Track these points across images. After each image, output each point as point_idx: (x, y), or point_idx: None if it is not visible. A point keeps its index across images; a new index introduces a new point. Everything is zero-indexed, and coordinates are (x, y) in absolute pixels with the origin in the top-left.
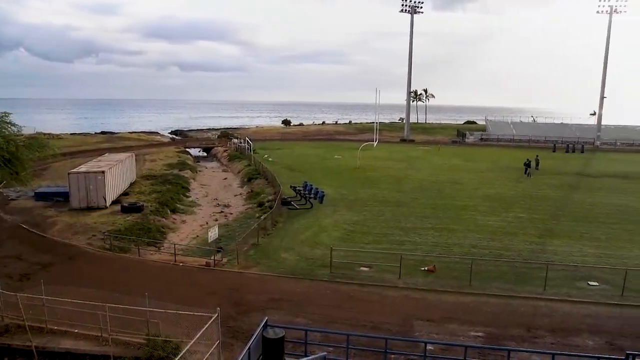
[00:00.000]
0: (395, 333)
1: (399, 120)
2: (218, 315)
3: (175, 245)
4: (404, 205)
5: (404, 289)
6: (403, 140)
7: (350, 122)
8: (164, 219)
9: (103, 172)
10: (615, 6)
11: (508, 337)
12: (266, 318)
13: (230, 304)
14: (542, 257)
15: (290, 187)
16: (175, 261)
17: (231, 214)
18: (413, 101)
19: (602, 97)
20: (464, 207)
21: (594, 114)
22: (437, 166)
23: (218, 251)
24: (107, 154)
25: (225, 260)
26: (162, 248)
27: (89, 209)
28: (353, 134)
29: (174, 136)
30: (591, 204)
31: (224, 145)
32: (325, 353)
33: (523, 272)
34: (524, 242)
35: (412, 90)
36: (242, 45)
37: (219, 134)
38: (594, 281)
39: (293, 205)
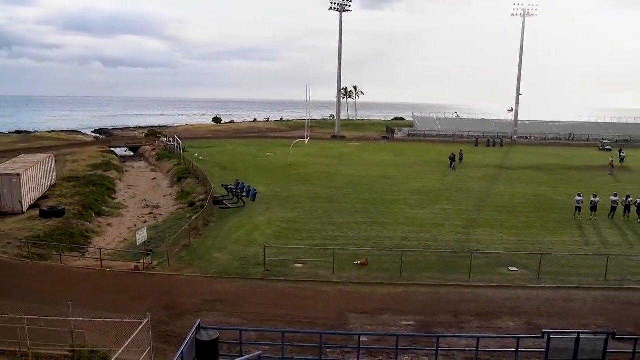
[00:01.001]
0: (330, 327)
1: (330, 117)
2: (148, 321)
3: (101, 250)
4: (336, 201)
5: (338, 284)
6: (334, 137)
7: (282, 119)
8: (88, 223)
9: (18, 174)
10: (528, 9)
11: (437, 324)
12: (199, 320)
13: (162, 308)
14: (467, 246)
15: (222, 185)
16: (102, 266)
17: (161, 215)
18: (343, 98)
19: (518, 95)
20: (394, 201)
21: (511, 110)
22: (368, 162)
23: (147, 254)
24: (22, 155)
25: (155, 263)
26: (87, 253)
27: (4, 214)
28: (285, 131)
29: (97, 135)
30: (510, 194)
31: (152, 144)
32: (261, 352)
33: (450, 262)
34: (451, 232)
35: (342, 87)
36: (169, 40)
37: (146, 132)
38: (513, 267)
39: (225, 204)
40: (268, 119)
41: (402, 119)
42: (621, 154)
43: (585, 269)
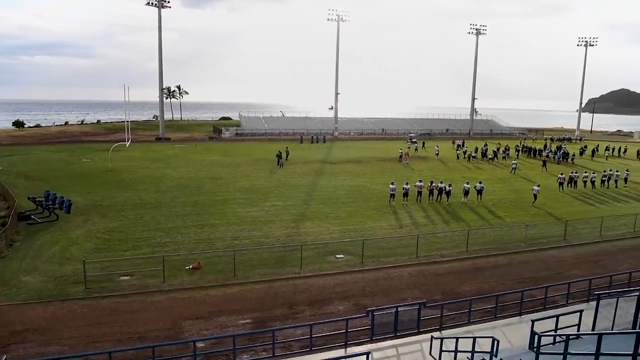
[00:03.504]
0: (163, 339)
1: (154, 118)
2: None
3: None
4: (164, 205)
5: (170, 292)
6: (159, 139)
7: (98, 121)
8: None
9: None
10: (342, 15)
11: (273, 318)
12: (4, 357)
13: None
14: (297, 239)
15: (29, 198)
16: None
17: None
18: (167, 98)
19: (337, 93)
20: (224, 201)
21: (332, 108)
22: (196, 163)
23: None
24: None
25: None
26: None
27: None
28: (103, 134)
29: None
30: (334, 187)
31: None
32: None
33: (282, 256)
34: (281, 228)
35: (165, 86)
36: None
37: None
38: (340, 254)
39: (34, 219)
40: (82, 121)
41: (229, 118)
42: (423, 145)
43: (401, 249)
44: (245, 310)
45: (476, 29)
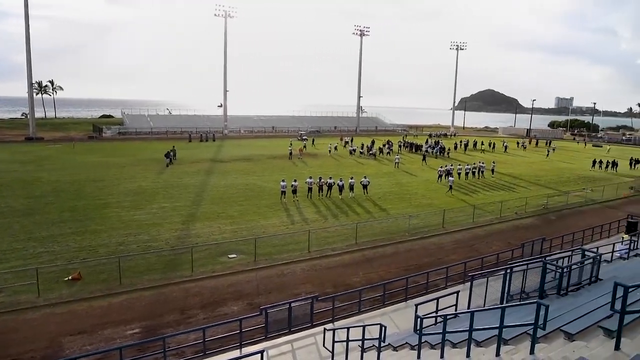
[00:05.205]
0: (40, 359)
1: (22, 115)
2: None
3: None
4: (37, 212)
5: (46, 307)
6: (29, 139)
7: None
8: None
9: None
10: (229, 11)
11: (165, 324)
12: None
13: None
14: (187, 241)
15: None
16: None
17: None
18: (37, 94)
19: (226, 91)
20: (107, 205)
21: (221, 106)
22: (74, 165)
23: None
24: None
25: None
26: None
27: None
28: None
29: None
30: (225, 185)
31: None
32: None
33: (172, 259)
34: (170, 230)
35: (35, 81)
36: None
37: None
38: (233, 254)
39: None
40: None
41: (110, 116)
42: (312, 142)
43: (294, 245)
44: (134, 320)
45: (360, 30)
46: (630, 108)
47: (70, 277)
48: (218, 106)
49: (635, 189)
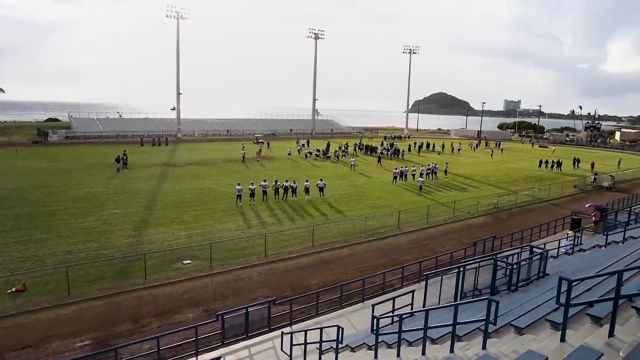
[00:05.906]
0: None
1: None
2: None
3: None
4: None
5: None
6: None
7: None
8: None
9: None
10: (181, 12)
11: (117, 335)
12: None
13: None
14: (140, 248)
15: None
16: None
17: None
18: None
19: (179, 94)
20: (53, 212)
21: (174, 109)
22: (17, 171)
23: None
24: None
25: None
26: None
27: None
28: None
29: None
30: (179, 190)
31: None
32: None
33: (124, 267)
34: (122, 237)
35: None
36: None
37: None
38: (187, 260)
39: None
40: None
41: (57, 120)
42: (268, 146)
43: (250, 250)
44: (84, 331)
45: (315, 33)
46: (573, 110)
47: (13, 289)
48: (171, 109)
49: (579, 187)
